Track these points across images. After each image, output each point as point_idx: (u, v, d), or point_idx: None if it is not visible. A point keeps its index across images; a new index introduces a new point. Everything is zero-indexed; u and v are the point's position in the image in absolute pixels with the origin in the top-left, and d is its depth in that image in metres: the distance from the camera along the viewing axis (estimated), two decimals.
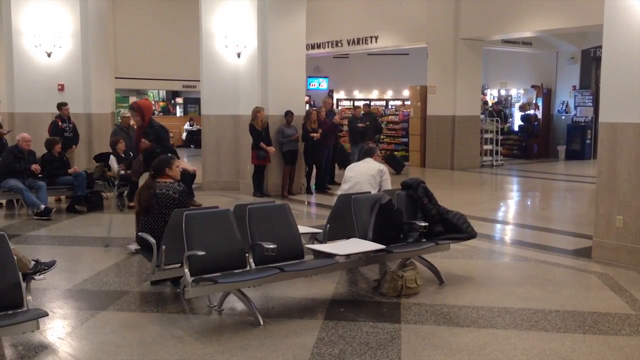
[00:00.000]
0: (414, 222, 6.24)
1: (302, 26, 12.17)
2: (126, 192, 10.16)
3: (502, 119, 19.13)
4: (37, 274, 5.04)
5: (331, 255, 5.69)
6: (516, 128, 20.78)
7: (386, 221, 6.10)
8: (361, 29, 18.57)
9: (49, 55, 12.69)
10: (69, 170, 10.28)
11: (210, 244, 5.12)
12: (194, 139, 23.46)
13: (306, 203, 11.58)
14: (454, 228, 6.36)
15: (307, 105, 18.53)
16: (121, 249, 7.48)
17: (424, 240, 6.25)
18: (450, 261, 6.93)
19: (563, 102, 20.26)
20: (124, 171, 10.12)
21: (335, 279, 6.28)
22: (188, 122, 25.39)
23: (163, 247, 5.32)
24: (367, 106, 16.27)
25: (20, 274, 4.48)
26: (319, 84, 24.54)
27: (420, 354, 4.49)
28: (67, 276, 6.41)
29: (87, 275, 6.49)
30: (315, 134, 12.00)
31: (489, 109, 19.29)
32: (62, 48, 12.80)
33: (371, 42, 18.56)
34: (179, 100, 28.33)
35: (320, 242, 6.25)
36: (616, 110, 6.90)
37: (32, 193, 9.56)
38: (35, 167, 9.77)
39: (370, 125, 14.33)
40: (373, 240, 5.93)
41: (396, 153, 17.94)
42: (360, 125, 13.95)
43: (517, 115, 20.98)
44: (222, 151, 12.65)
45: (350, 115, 15.68)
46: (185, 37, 18.58)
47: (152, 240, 5.42)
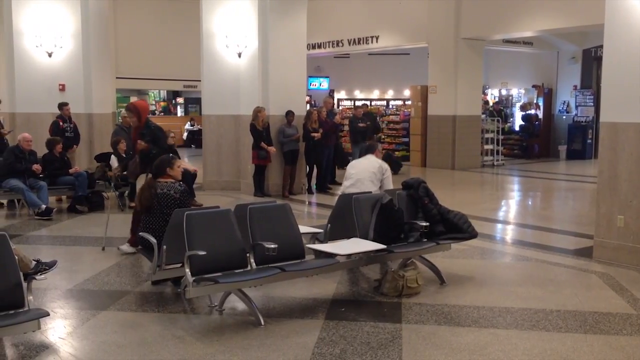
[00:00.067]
0: (415, 222, 6.24)
1: (303, 26, 12.16)
2: (127, 192, 10.16)
3: (503, 119, 19.11)
4: (38, 274, 5.04)
5: (332, 255, 5.69)
6: (517, 128, 20.76)
7: (387, 221, 6.10)
8: (362, 29, 18.55)
9: (50, 55, 12.68)
10: (70, 170, 10.29)
11: (211, 244, 5.12)
12: (195, 139, 23.47)
13: (307, 203, 11.58)
14: (455, 228, 6.36)
15: (308, 105, 18.53)
16: (116, 251, 7.39)
17: (425, 240, 6.25)
18: (451, 261, 6.93)
19: (564, 102, 20.24)
20: (120, 173, 10.10)
21: (336, 279, 6.29)
22: (189, 122, 25.40)
23: (164, 247, 5.32)
24: (365, 106, 16.26)
25: (21, 274, 4.48)
26: (320, 84, 24.50)
27: (421, 354, 4.49)
28: (68, 276, 6.42)
29: (88, 275, 6.49)
30: (316, 134, 12.00)
31: (490, 109, 19.25)
32: (63, 48, 12.79)
33: (372, 42, 18.54)
34: (180, 100, 28.37)
35: (321, 242, 6.24)
36: (617, 109, 6.89)
37: (33, 193, 9.57)
38: (36, 167, 9.78)
39: (370, 124, 14.33)
40: (374, 240, 5.93)
41: (397, 153, 17.96)
42: (361, 125, 13.95)
43: (518, 115, 20.95)
44: (223, 151, 12.65)
45: (350, 115, 15.68)
46: (186, 37, 18.56)
47: (153, 240, 5.42)
